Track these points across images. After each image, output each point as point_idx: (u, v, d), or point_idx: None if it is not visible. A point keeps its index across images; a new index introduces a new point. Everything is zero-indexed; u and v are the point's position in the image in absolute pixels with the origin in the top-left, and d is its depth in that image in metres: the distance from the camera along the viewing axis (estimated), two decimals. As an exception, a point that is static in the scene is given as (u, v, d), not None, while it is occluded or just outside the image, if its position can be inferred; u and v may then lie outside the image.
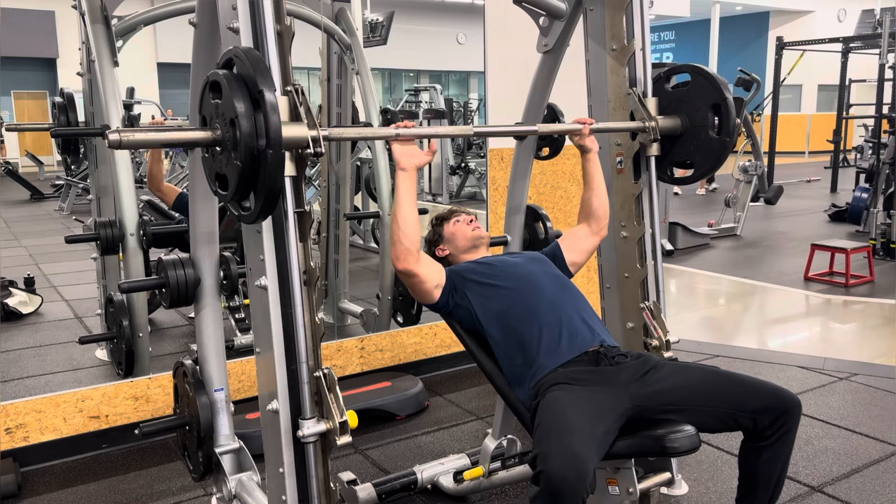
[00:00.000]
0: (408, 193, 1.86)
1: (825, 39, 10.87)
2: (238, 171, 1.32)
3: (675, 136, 2.18)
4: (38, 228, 7.49)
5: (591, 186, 2.18)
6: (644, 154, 2.21)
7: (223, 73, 1.34)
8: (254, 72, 1.31)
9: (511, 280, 2.06)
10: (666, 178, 2.29)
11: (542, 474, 1.53)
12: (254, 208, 1.37)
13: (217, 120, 1.37)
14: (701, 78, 2.14)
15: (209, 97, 1.38)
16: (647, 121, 2.14)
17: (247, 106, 1.30)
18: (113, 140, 1.32)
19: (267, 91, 1.29)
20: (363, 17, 4.02)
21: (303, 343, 1.51)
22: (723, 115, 2.10)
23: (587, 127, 2.09)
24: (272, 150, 1.30)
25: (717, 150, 2.12)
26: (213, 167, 1.42)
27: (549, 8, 2.24)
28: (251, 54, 1.34)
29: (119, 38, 3.21)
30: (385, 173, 3.78)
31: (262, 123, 1.29)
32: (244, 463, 1.99)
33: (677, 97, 2.18)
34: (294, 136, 1.42)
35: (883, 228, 6.45)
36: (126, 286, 2.21)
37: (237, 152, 1.31)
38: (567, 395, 1.76)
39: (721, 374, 1.88)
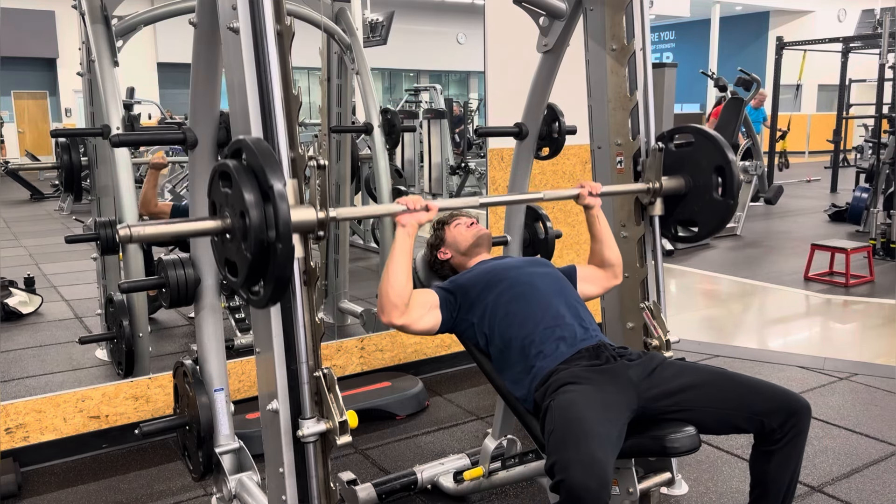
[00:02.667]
0: (403, 250, 1.84)
1: (825, 39, 10.87)
2: (248, 262, 1.33)
3: (679, 196, 2.19)
4: (38, 228, 7.49)
5: (600, 239, 2.18)
6: (647, 213, 2.22)
7: (233, 164, 1.34)
8: (263, 163, 1.31)
9: (511, 285, 2.06)
10: (670, 236, 2.29)
11: (562, 483, 1.51)
12: (263, 295, 1.38)
13: (227, 208, 1.38)
14: (704, 139, 2.14)
15: (219, 185, 1.39)
16: (652, 182, 2.15)
17: (256, 198, 1.30)
18: (124, 235, 1.33)
19: (276, 183, 1.30)
20: (363, 17, 4.02)
21: (303, 343, 1.51)
22: (727, 177, 2.09)
23: (585, 191, 2.08)
24: (282, 245, 1.30)
25: (721, 212, 2.12)
26: (223, 253, 1.43)
27: (549, 8, 2.24)
28: (260, 145, 1.35)
29: (119, 38, 3.21)
30: (385, 173, 3.77)
31: (272, 215, 1.30)
32: (244, 463, 1.99)
33: (680, 156, 2.18)
34: (303, 221, 1.44)
35: (883, 228, 6.45)
36: (126, 286, 2.21)
37: (247, 243, 1.32)
38: (578, 396, 1.74)
39: (729, 376, 1.87)
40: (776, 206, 9.26)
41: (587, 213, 2.15)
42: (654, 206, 2.19)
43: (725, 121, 7.30)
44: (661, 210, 2.20)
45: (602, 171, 2.29)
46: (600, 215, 2.15)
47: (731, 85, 8.31)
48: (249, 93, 1.46)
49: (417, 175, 9.00)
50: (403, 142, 8.21)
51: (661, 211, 2.20)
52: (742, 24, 20.82)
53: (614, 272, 2.19)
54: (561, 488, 1.51)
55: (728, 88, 8.13)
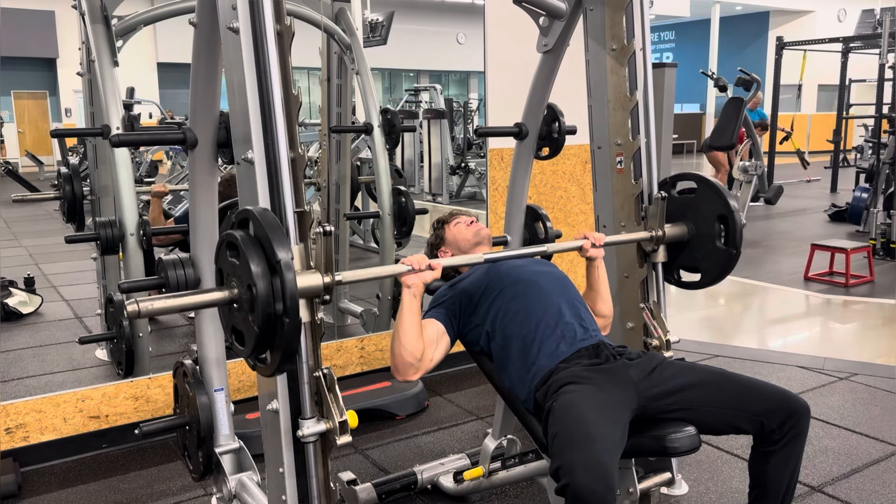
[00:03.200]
0: (412, 311, 1.84)
1: (825, 39, 10.87)
2: (255, 335, 1.34)
3: (682, 243, 2.20)
4: (38, 228, 7.49)
5: (597, 291, 2.18)
6: (650, 261, 2.22)
7: (240, 235, 1.35)
8: (269, 235, 1.32)
9: (512, 283, 2.06)
10: (673, 282, 2.30)
11: (568, 488, 1.51)
12: (271, 364, 1.39)
13: (234, 278, 1.38)
14: (706, 188, 2.15)
15: (226, 254, 1.40)
16: (655, 230, 2.16)
17: (263, 269, 1.31)
18: (132, 312, 1.34)
19: (283, 256, 1.30)
20: (363, 17, 4.02)
21: (303, 343, 1.51)
22: (729, 226, 2.10)
23: (588, 243, 2.07)
24: (289, 319, 1.31)
25: (724, 261, 2.13)
26: (230, 321, 1.44)
27: (549, 8, 2.24)
28: (266, 217, 1.36)
29: (119, 38, 3.21)
30: (385, 173, 3.77)
31: (279, 288, 1.30)
32: (244, 463, 1.99)
33: (683, 203, 2.19)
34: (309, 286, 1.44)
35: (883, 228, 6.45)
36: (126, 286, 2.21)
37: (254, 315, 1.33)
38: (581, 397, 1.74)
39: (728, 377, 1.87)
40: (776, 206, 9.26)
41: (588, 264, 2.15)
42: (658, 253, 2.20)
43: (725, 121, 7.29)
44: (664, 257, 2.21)
45: (602, 171, 2.29)
46: (601, 266, 2.16)
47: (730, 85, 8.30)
48: (249, 93, 1.46)
49: (417, 175, 9.00)
50: (403, 142, 8.21)
51: (665, 258, 2.22)
52: (742, 24, 20.82)
53: (604, 323, 2.19)
54: (567, 492, 1.51)
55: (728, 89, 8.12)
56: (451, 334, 2.04)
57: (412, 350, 1.85)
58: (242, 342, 1.40)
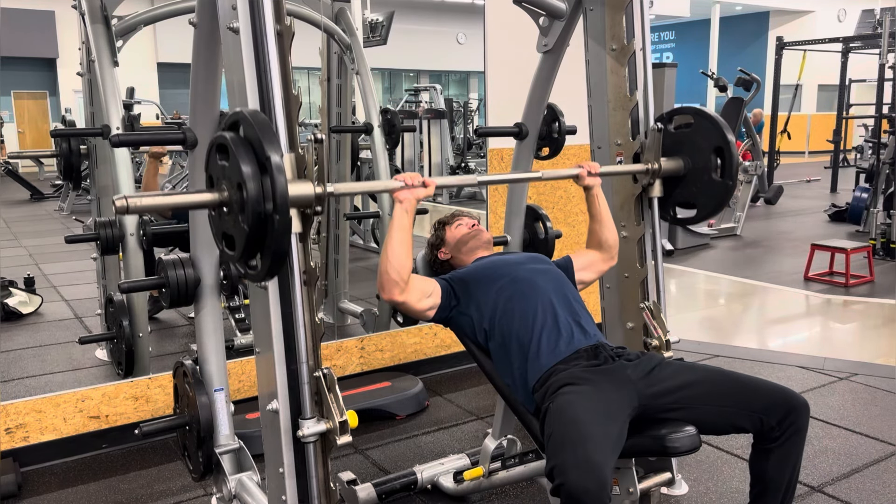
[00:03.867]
0: (402, 227, 1.84)
1: (825, 39, 10.87)
2: (245, 235, 1.32)
3: (678, 178, 2.18)
4: (38, 228, 7.49)
5: (599, 220, 2.18)
6: (646, 195, 2.21)
7: (230, 136, 1.34)
8: (260, 135, 1.31)
9: (511, 281, 2.06)
10: (669, 218, 2.29)
11: (562, 487, 1.51)
12: (261, 269, 1.38)
13: (224, 182, 1.37)
14: (703, 120, 2.13)
15: (216, 158, 1.39)
16: (651, 163, 2.15)
17: (253, 170, 1.30)
18: (120, 206, 1.32)
19: (273, 155, 1.29)
20: (363, 17, 4.02)
21: (303, 343, 1.50)
22: (726, 158, 2.09)
23: (584, 171, 2.08)
24: (279, 216, 1.30)
25: (720, 193, 2.11)
26: (219, 227, 1.42)
27: (549, 8, 2.24)
28: (257, 117, 1.35)
29: (119, 38, 3.21)
30: (385, 173, 3.77)
31: (269, 187, 1.29)
32: (244, 463, 1.99)
33: (679, 138, 2.18)
34: (300, 195, 1.43)
35: (883, 228, 6.45)
36: (126, 286, 2.21)
37: (244, 215, 1.31)
38: (577, 398, 1.74)
39: (727, 375, 1.88)
40: (776, 206, 9.26)
41: (587, 194, 2.15)
42: (653, 187, 2.18)
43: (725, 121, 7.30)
44: (660, 192, 2.19)
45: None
46: (600, 195, 2.16)
47: (730, 85, 8.30)
48: (249, 93, 1.46)
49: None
50: (403, 142, 8.21)
51: (660, 193, 2.19)
52: (742, 24, 20.82)
53: (611, 254, 2.20)
54: (561, 492, 1.52)
55: (728, 89, 8.13)
56: (443, 302, 2.03)
57: (398, 267, 1.84)
58: (233, 246, 1.38)
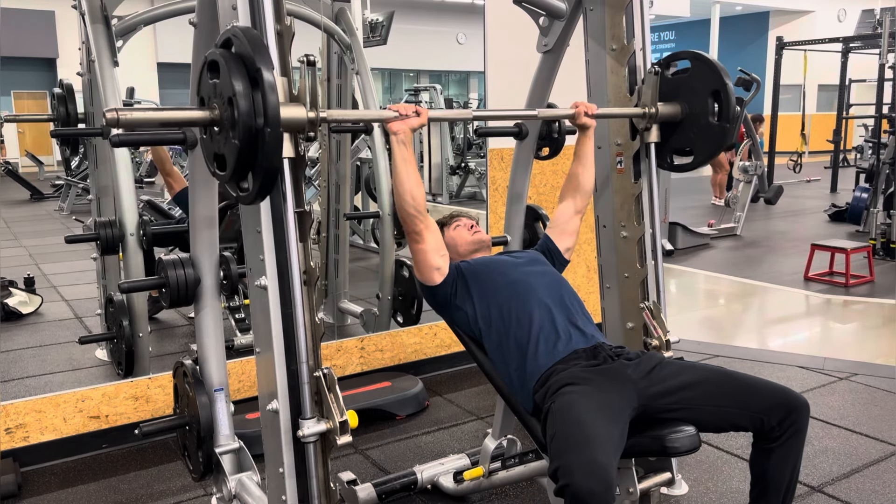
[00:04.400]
0: (404, 157, 1.84)
1: (825, 39, 10.87)
2: (236, 151, 1.31)
3: (674, 123, 2.16)
4: (38, 228, 7.50)
5: (584, 161, 2.19)
6: (643, 141, 2.19)
7: (221, 53, 1.33)
8: (252, 50, 1.30)
9: (507, 283, 2.06)
10: (666, 165, 2.27)
11: (567, 489, 1.51)
12: (252, 188, 1.36)
13: (215, 100, 1.36)
14: (701, 64, 2.11)
15: (207, 77, 1.38)
16: (648, 107, 2.12)
17: (245, 85, 1.29)
18: (110, 118, 1.31)
19: (265, 70, 1.28)
20: (363, 17, 4.02)
21: (303, 343, 1.50)
22: (723, 101, 2.07)
23: (581, 110, 2.09)
24: (270, 129, 1.29)
25: (718, 136, 2.09)
26: (210, 148, 1.41)
27: (549, 8, 2.24)
28: (249, 33, 1.34)
29: (119, 38, 3.21)
30: (385, 173, 3.77)
31: (261, 102, 1.28)
32: (244, 463, 1.99)
33: (677, 84, 2.15)
34: (293, 118, 1.42)
35: (883, 228, 6.45)
36: (126, 286, 2.21)
37: (235, 131, 1.30)
38: (579, 398, 1.74)
39: (727, 374, 1.88)
40: (776, 206, 9.26)
41: (580, 134, 2.16)
42: (650, 132, 2.16)
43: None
44: (657, 137, 2.17)
45: (602, 171, 2.29)
46: (591, 136, 2.17)
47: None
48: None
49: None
50: (403, 142, 8.20)
51: (657, 138, 2.17)
52: (742, 24, 20.80)
53: (584, 202, 2.22)
54: (566, 493, 1.51)
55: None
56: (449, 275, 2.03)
57: (414, 194, 1.87)
58: (224, 166, 1.37)
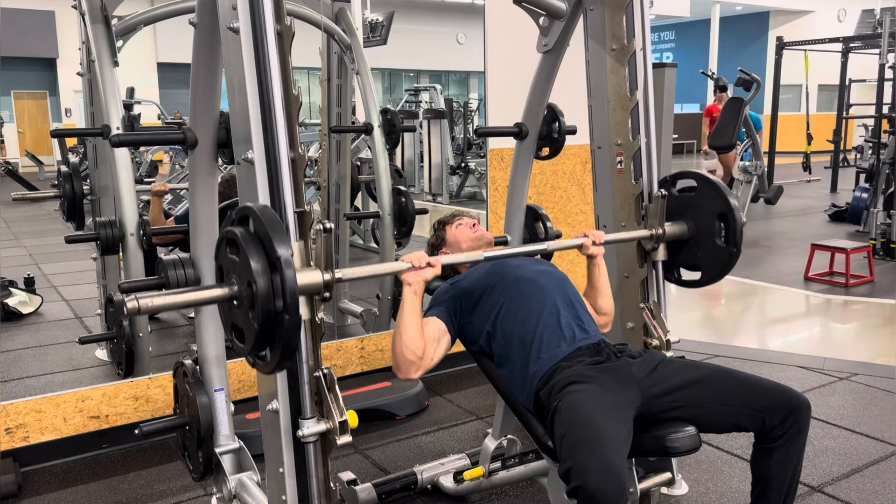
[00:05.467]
0: (412, 310, 1.84)
1: (825, 39, 10.87)
2: (255, 332, 1.33)
3: (682, 241, 2.20)
4: (38, 228, 7.49)
5: (598, 289, 2.18)
6: (651, 259, 2.23)
7: (240, 232, 1.34)
8: (269, 231, 1.32)
9: (512, 281, 2.06)
10: (673, 280, 2.30)
11: (580, 489, 1.51)
12: (271, 361, 1.39)
13: (234, 275, 1.38)
14: (706, 185, 2.15)
15: (226, 251, 1.40)
16: (655, 228, 2.16)
17: (263, 266, 1.31)
18: (132, 308, 1.33)
19: (283, 252, 1.30)
20: (363, 17, 4.02)
21: (303, 343, 1.51)
22: (729, 224, 2.10)
23: (588, 241, 2.08)
24: (289, 316, 1.31)
25: (724, 259, 2.13)
26: (229, 318, 1.43)
27: (549, 8, 2.24)
28: (266, 214, 1.35)
29: (119, 38, 3.21)
30: (385, 173, 3.77)
31: (279, 284, 1.30)
32: (244, 463, 1.99)
33: (684, 202, 2.19)
34: (308, 284, 1.45)
35: (883, 228, 6.44)
36: (126, 286, 2.21)
37: (254, 312, 1.32)
38: (587, 397, 1.74)
39: (729, 374, 1.88)
40: (776, 206, 9.26)
41: (589, 262, 2.16)
42: (658, 251, 2.20)
43: (725, 121, 7.29)
44: (664, 256, 2.21)
45: (602, 171, 2.29)
46: (601, 265, 2.16)
47: (730, 84, 8.30)
48: (249, 93, 1.46)
49: (417, 175, 9.00)
50: (403, 142, 8.21)
51: (665, 256, 2.21)
52: (742, 24, 20.80)
53: (605, 320, 2.19)
54: (579, 494, 1.51)
55: (728, 88, 8.13)
56: (451, 332, 2.04)
57: (413, 348, 1.85)
58: (242, 339, 1.40)
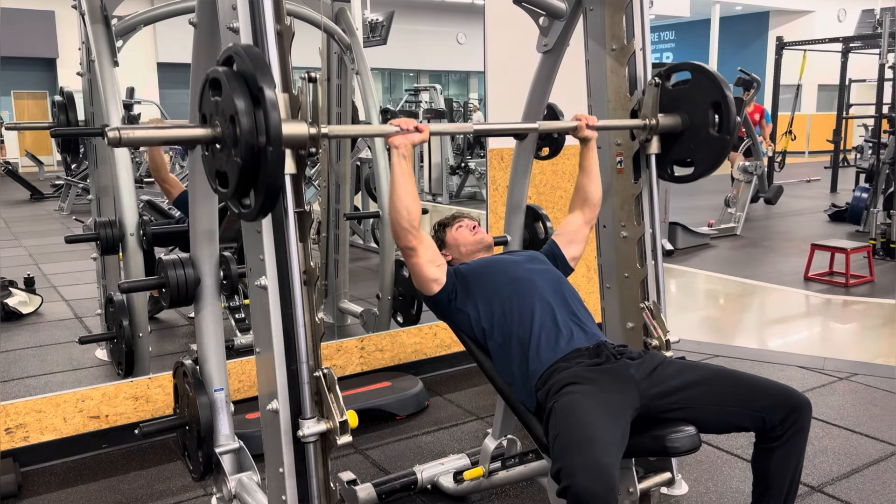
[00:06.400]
0: (403, 171, 1.83)
1: (825, 39, 10.88)
2: (238, 169, 1.32)
3: (675, 134, 2.17)
4: (38, 228, 7.50)
5: (589, 173, 2.19)
6: (644, 152, 2.20)
7: (223, 70, 1.34)
8: (254, 69, 1.30)
9: (509, 281, 2.06)
10: (666, 176, 2.27)
11: (569, 490, 1.51)
12: (254, 206, 1.37)
13: (217, 117, 1.37)
14: (701, 76, 2.12)
15: (209, 94, 1.39)
16: (648, 118, 2.13)
17: (247, 103, 1.30)
18: (112, 137, 1.32)
19: (267, 88, 1.29)
20: (363, 17, 4.02)
21: (303, 343, 1.50)
22: (723, 112, 2.07)
23: (582, 123, 2.09)
24: (272, 148, 1.29)
25: (718, 148, 2.10)
26: (213, 165, 1.42)
27: (549, 8, 2.24)
28: (251, 51, 1.34)
29: (119, 38, 3.21)
30: (385, 173, 3.77)
31: (262, 120, 1.29)
32: (244, 463, 1.99)
33: (677, 95, 2.16)
34: (294, 134, 1.43)
35: (883, 228, 6.45)
36: (126, 286, 2.21)
37: (237, 149, 1.31)
38: (582, 398, 1.74)
39: (729, 374, 1.88)
40: (776, 206, 9.26)
41: (583, 146, 2.16)
42: (651, 144, 2.17)
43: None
44: (657, 148, 2.18)
45: (602, 171, 2.29)
46: (594, 147, 2.17)
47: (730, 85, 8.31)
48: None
49: (417, 175, 8.99)
50: (403, 142, 8.19)
51: (658, 149, 2.18)
52: (742, 24, 20.81)
53: (592, 213, 2.22)
54: (568, 494, 1.51)
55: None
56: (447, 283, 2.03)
57: (409, 211, 1.86)
58: (226, 184, 1.38)
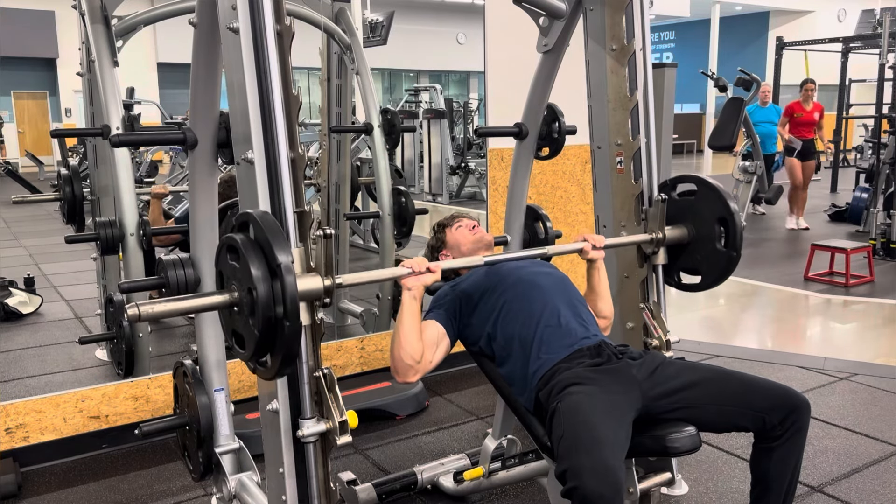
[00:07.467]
0: (412, 313, 1.85)
1: (825, 39, 10.88)
2: (256, 339, 1.33)
3: (682, 245, 2.20)
4: (38, 228, 7.49)
5: (598, 293, 2.18)
6: (651, 263, 2.23)
7: (240, 239, 1.34)
8: (269, 238, 1.32)
9: (512, 283, 2.06)
10: (674, 284, 2.30)
11: (576, 491, 1.51)
12: (271, 368, 1.39)
13: (234, 281, 1.38)
14: (707, 189, 2.15)
15: (227, 257, 1.40)
16: (655, 232, 2.16)
17: (263, 273, 1.31)
18: (132, 315, 1.32)
19: (283, 259, 1.30)
20: (363, 17, 4.02)
21: (303, 344, 1.51)
22: (729, 228, 2.10)
23: (588, 245, 2.07)
24: (289, 322, 1.31)
25: (724, 264, 2.13)
26: (230, 324, 1.44)
27: (549, 8, 2.24)
28: (266, 220, 1.35)
29: (119, 38, 3.20)
30: (385, 173, 3.77)
31: (279, 290, 1.30)
32: (244, 463, 1.99)
33: (684, 206, 2.19)
34: (309, 290, 1.44)
35: (883, 228, 6.45)
36: (126, 286, 2.21)
37: (255, 318, 1.32)
38: (586, 399, 1.74)
39: (729, 374, 1.88)
40: (776, 206, 9.25)
41: (589, 266, 2.15)
42: (658, 255, 2.20)
43: (725, 121, 7.30)
44: (664, 259, 2.21)
45: (602, 171, 2.29)
46: (601, 268, 2.16)
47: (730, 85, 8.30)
48: (249, 93, 1.46)
49: (417, 175, 9.00)
50: (403, 142, 8.21)
51: (665, 260, 2.22)
52: (742, 24, 20.79)
53: (605, 324, 2.19)
54: (574, 495, 1.51)
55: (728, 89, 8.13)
56: (451, 335, 2.04)
57: (412, 352, 1.85)
58: (243, 345, 1.40)
